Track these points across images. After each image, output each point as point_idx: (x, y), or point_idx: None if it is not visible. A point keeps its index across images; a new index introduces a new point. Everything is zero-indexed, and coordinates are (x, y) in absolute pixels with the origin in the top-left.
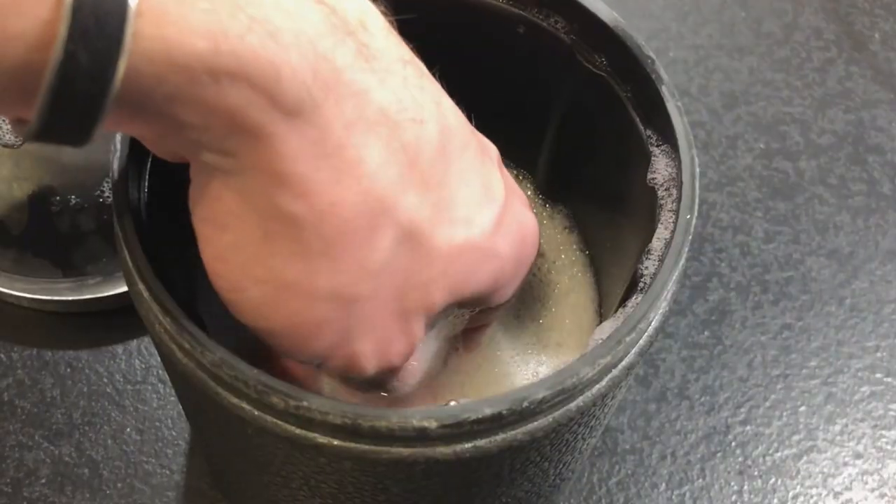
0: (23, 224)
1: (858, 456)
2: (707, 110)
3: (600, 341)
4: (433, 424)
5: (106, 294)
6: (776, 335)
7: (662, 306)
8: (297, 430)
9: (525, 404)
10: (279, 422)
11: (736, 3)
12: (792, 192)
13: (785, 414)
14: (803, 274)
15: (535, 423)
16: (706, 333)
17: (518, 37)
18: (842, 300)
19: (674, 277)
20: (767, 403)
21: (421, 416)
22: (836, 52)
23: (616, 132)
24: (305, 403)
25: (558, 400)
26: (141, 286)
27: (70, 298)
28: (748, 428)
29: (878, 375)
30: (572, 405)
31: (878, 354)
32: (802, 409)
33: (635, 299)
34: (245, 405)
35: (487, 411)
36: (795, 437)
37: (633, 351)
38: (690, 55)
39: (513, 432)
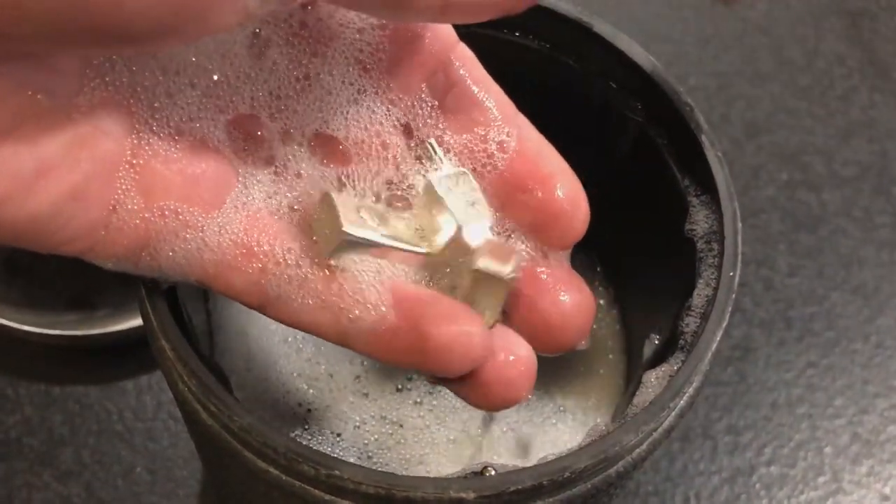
0: (30, 255)
1: (885, 498)
2: (729, 140)
3: (644, 404)
4: (471, 496)
5: (115, 329)
6: (801, 373)
7: (705, 368)
8: (328, 497)
9: (567, 474)
10: (309, 488)
11: (757, 28)
12: (815, 225)
13: (810, 454)
14: (828, 310)
15: (574, 490)
16: (729, 371)
17: (551, 81)
18: (867, 337)
19: (717, 338)
20: (792, 444)
21: (458, 486)
22: (860, 79)
23: (652, 180)
24: (338, 472)
25: (600, 468)
26: (164, 343)
27: (78, 333)
28: (773, 469)
29: None
30: (612, 471)
31: None
32: (828, 449)
33: (676, 357)
34: (273, 470)
35: (528, 482)
36: (821, 479)
37: (674, 413)
38: (711, 82)
39: (550, 499)
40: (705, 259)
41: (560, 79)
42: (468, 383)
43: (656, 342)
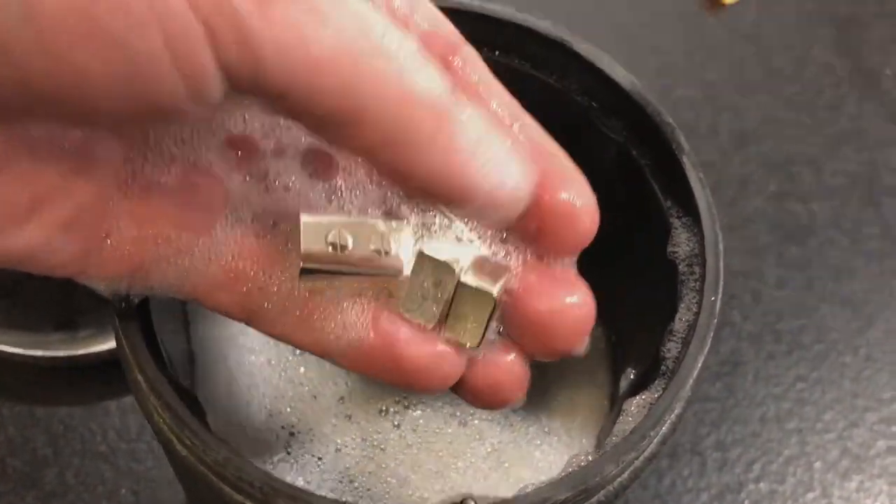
0: (13, 277)
1: None
2: (716, 150)
3: (626, 432)
4: None
5: (98, 349)
6: (790, 387)
7: (687, 395)
8: None
9: None
10: None
11: (745, 37)
12: (804, 236)
13: (799, 470)
14: (817, 322)
15: None
16: (718, 386)
17: (532, 100)
18: (857, 349)
19: (699, 365)
20: (781, 459)
21: None
22: (848, 88)
23: (633, 201)
24: None
25: (580, 498)
26: (139, 376)
27: (62, 354)
28: (762, 485)
29: (894, 429)
30: (593, 500)
31: (894, 407)
32: (817, 464)
33: (658, 384)
34: (249, 503)
35: None
36: (810, 495)
37: (655, 441)
38: (699, 92)
39: None
40: (687, 282)
41: (541, 97)
42: (460, 388)
43: (632, 376)
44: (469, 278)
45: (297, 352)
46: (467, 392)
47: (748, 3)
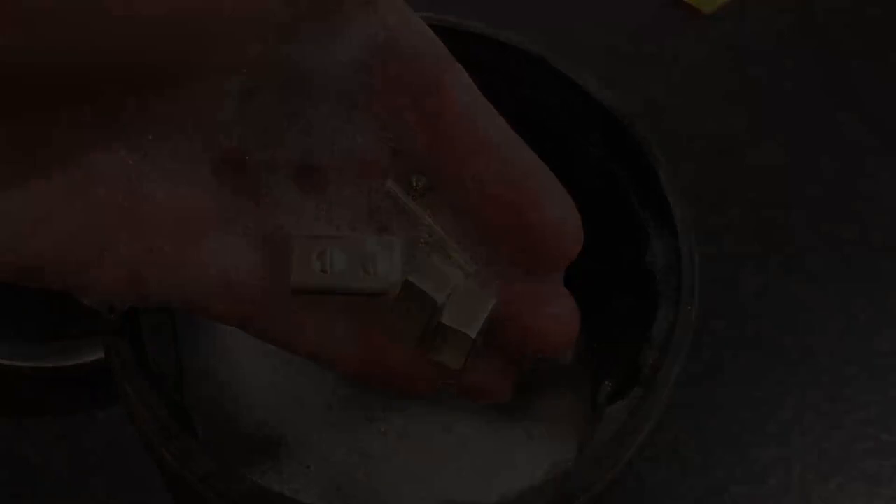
0: (4, 288)
1: None
2: (696, 159)
3: (604, 440)
4: None
5: (88, 359)
6: (769, 391)
7: (664, 403)
8: None
9: None
10: None
11: (724, 47)
12: (783, 244)
13: (780, 472)
14: (795, 328)
15: None
16: (699, 390)
17: (509, 113)
18: (834, 354)
19: (675, 373)
20: (762, 462)
21: None
22: (825, 97)
23: (613, 212)
24: None
25: None
26: (128, 387)
27: (51, 364)
28: (743, 488)
29: (872, 431)
30: None
31: (871, 410)
32: (797, 466)
33: (637, 391)
34: None
35: None
36: (791, 497)
37: (634, 448)
38: (678, 101)
39: None
40: (664, 292)
41: (520, 112)
42: (447, 386)
43: (612, 383)
44: (450, 318)
45: (286, 361)
46: (455, 389)
47: (728, 14)
